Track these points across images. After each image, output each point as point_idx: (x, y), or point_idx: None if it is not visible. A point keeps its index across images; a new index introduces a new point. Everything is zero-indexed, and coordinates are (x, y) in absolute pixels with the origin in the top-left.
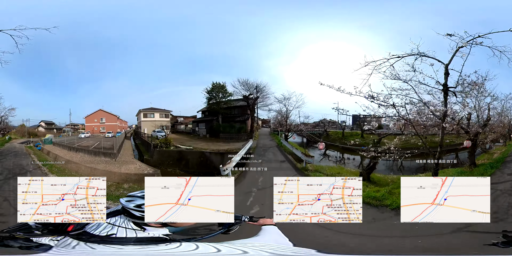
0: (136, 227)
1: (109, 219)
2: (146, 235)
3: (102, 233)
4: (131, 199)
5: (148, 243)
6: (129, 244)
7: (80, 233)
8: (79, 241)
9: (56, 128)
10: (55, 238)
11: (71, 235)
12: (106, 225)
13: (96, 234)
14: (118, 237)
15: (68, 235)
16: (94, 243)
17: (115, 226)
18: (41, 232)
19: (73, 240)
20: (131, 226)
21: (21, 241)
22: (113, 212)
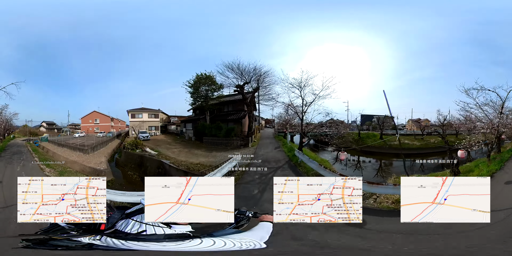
0: (163, 225)
1: (135, 217)
2: (173, 232)
3: (133, 231)
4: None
5: (176, 239)
6: (161, 241)
7: (113, 231)
8: (119, 240)
9: (57, 128)
10: (94, 238)
11: (106, 234)
12: (134, 222)
13: (128, 232)
14: (149, 234)
15: (104, 234)
16: (132, 240)
17: (142, 223)
18: (77, 232)
19: (112, 239)
20: (158, 223)
21: (63, 241)
22: (137, 210)
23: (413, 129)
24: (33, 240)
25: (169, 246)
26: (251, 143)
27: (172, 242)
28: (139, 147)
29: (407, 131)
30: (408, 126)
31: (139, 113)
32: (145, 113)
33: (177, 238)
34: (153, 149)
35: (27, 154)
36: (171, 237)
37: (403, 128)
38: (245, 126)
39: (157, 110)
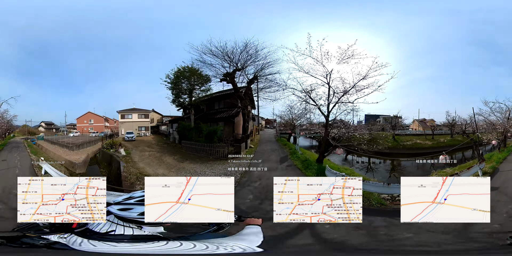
0: (134, 225)
1: (109, 217)
2: (141, 233)
3: (102, 230)
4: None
5: (140, 241)
6: (123, 242)
7: (83, 230)
8: (83, 238)
9: (55, 128)
10: (62, 236)
11: (75, 232)
12: (106, 222)
13: (97, 231)
14: (116, 234)
15: (73, 232)
16: (95, 240)
17: (113, 223)
18: (49, 230)
19: (77, 238)
20: (129, 224)
21: (33, 239)
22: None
23: (419, 129)
24: (8, 237)
25: (123, 246)
26: (246, 149)
27: (132, 243)
28: (114, 147)
29: (412, 131)
30: (414, 126)
31: (128, 114)
32: (135, 113)
33: (141, 239)
34: (126, 150)
35: (22, 148)
36: (136, 238)
37: (407, 128)
38: (238, 127)
39: (147, 110)
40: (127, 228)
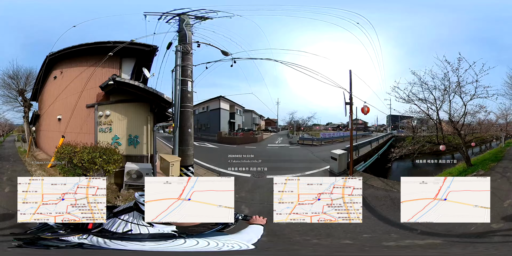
0: (146, 224)
1: (123, 216)
2: (157, 232)
3: (118, 229)
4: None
5: (161, 239)
6: (147, 241)
7: (100, 230)
8: (104, 239)
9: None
10: (80, 237)
11: (93, 233)
12: (121, 221)
13: (114, 231)
14: (135, 233)
15: (91, 233)
16: (117, 239)
17: (128, 222)
18: (65, 232)
19: (98, 238)
20: (142, 222)
21: (51, 241)
22: (125, 209)
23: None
24: (24, 239)
25: (150, 245)
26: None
27: (154, 241)
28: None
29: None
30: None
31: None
32: None
33: (160, 237)
34: None
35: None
36: (154, 237)
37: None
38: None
39: None
40: (141, 227)
